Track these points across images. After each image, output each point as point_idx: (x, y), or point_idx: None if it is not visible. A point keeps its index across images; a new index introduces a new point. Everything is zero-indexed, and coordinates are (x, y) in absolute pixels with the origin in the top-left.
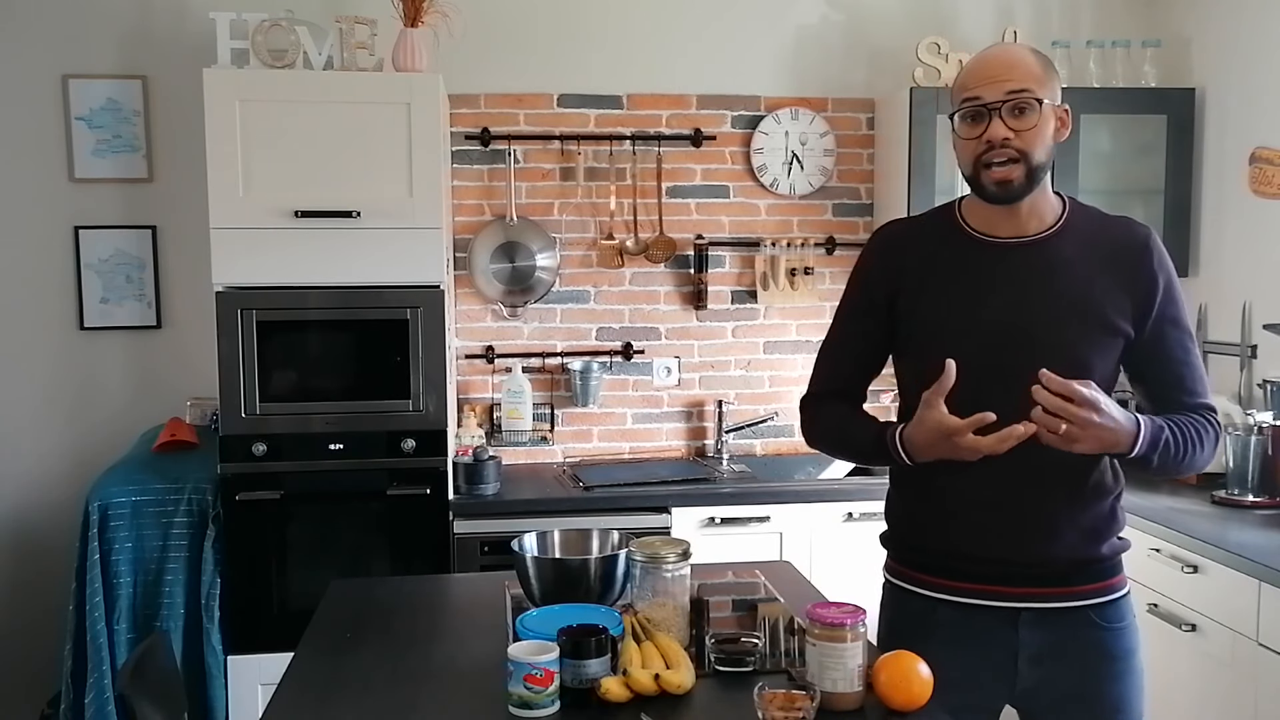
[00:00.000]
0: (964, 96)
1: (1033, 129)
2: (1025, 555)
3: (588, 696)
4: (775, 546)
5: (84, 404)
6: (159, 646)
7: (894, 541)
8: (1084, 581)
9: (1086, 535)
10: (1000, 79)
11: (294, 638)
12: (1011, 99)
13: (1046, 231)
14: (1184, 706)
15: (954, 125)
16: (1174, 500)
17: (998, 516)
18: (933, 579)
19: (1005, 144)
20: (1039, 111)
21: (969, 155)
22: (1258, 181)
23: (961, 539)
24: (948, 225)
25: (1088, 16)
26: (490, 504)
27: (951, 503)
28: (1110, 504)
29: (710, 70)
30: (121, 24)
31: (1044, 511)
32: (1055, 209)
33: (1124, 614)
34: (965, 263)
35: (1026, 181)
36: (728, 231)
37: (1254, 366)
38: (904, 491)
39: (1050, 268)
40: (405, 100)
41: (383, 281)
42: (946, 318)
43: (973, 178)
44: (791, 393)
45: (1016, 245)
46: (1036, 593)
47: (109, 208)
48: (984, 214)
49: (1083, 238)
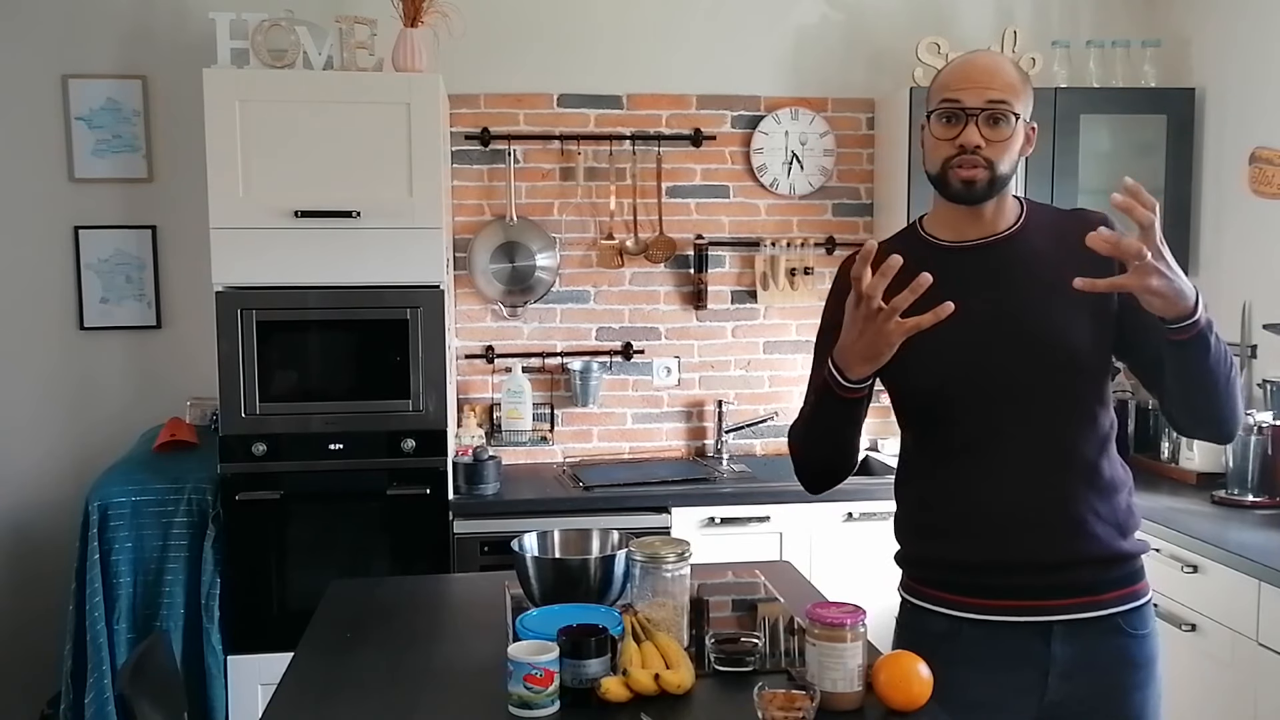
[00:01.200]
0: (944, 97)
1: (1004, 140)
2: (1055, 555)
3: (588, 696)
4: (775, 546)
5: (84, 404)
6: (159, 646)
7: (909, 560)
8: (1111, 588)
9: (1112, 529)
10: (982, 85)
11: (294, 638)
12: (990, 108)
13: (1010, 229)
14: (1184, 706)
15: (927, 123)
16: (1174, 500)
17: (1020, 516)
18: (955, 597)
19: (976, 151)
20: (1013, 125)
21: (938, 155)
22: (1257, 181)
23: (983, 546)
24: (914, 241)
25: (1088, 16)
26: (490, 504)
27: (967, 507)
28: (1126, 497)
29: (710, 70)
30: (121, 24)
31: (1068, 505)
32: (1015, 211)
33: (1148, 620)
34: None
35: (989, 187)
36: (728, 231)
37: (1254, 366)
38: (913, 504)
39: (1019, 261)
40: (405, 100)
41: (383, 281)
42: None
43: (939, 176)
44: (792, 392)
45: (983, 245)
46: (1069, 603)
47: (109, 208)
48: (949, 222)
49: (1046, 231)
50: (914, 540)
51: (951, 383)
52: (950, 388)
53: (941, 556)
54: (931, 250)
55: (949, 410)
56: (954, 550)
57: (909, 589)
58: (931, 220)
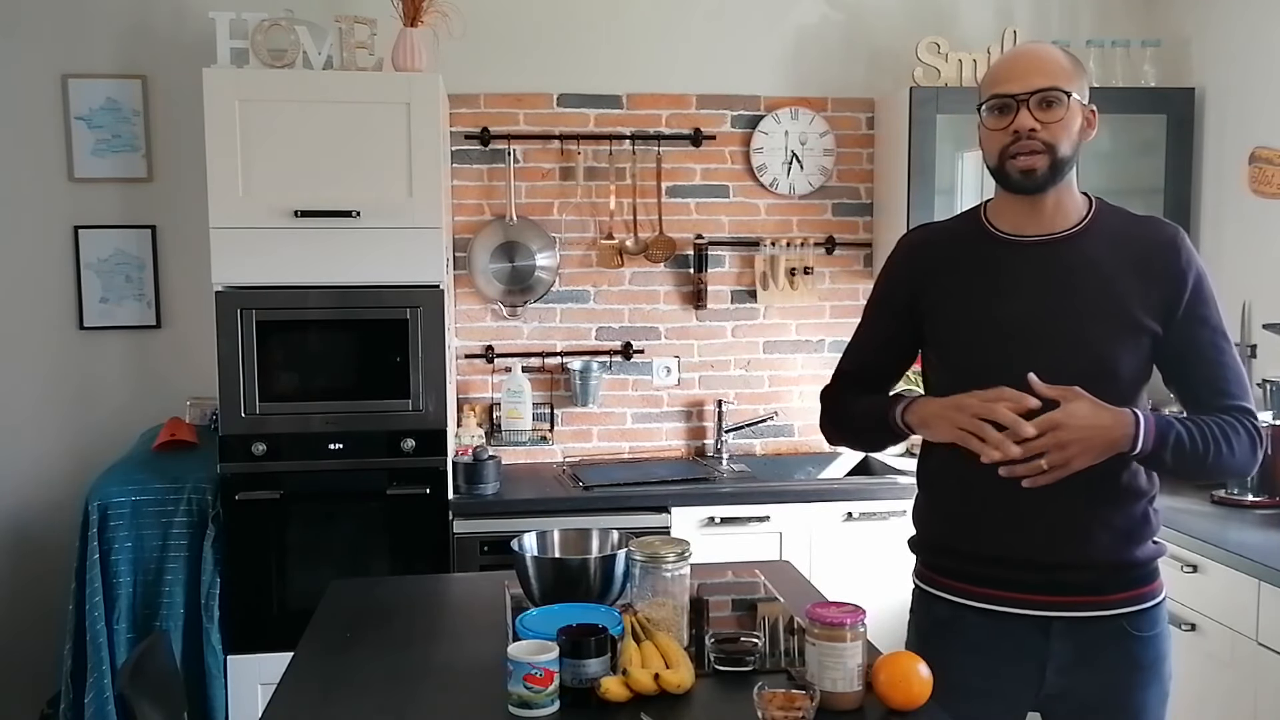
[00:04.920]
0: (993, 91)
1: (1059, 121)
2: (1056, 558)
3: (587, 696)
4: (775, 546)
5: (84, 403)
6: (159, 646)
7: (922, 546)
8: (1118, 589)
9: (1119, 538)
10: (1029, 74)
11: (294, 638)
12: (1039, 93)
13: (1071, 229)
14: (1184, 706)
15: (981, 119)
16: (1174, 500)
17: (1028, 518)
18: (961, 585)
19: (1032, 135)
20: (1066, 105)
21: (995, 146)
22: (1257, 181)
23: (990, 542)
24: (973, 227)
25: (1087, 16)
26: (490, 504)
27: (980, 505)
28: (1144, 507)
29: (710, 70)
30: (121, 24)
31: (1075, 512)
32: (1081, 208)
33: (1157, 621)
34: (988, 261)
35: (1050, 172)
36: (727, 231)
37: (1254, 366)
38: (932, 494)
39: (1073, 265)
40: (405, 100)
41: (382, 281)
42: (967, 315)
43: (998, 168)
44: (792, 392)
45: (1040, 243)
46: (1070, 601)
47: (109, 207)
48: (1010, 214)
49: (1109, 236)
50: (927, 526)
51: (978, 377)
52: (977, 381)
53: (951, 547)
54: (989, 241)
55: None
56: (962, 543)
57: (920, 575)
58: (995, 208)
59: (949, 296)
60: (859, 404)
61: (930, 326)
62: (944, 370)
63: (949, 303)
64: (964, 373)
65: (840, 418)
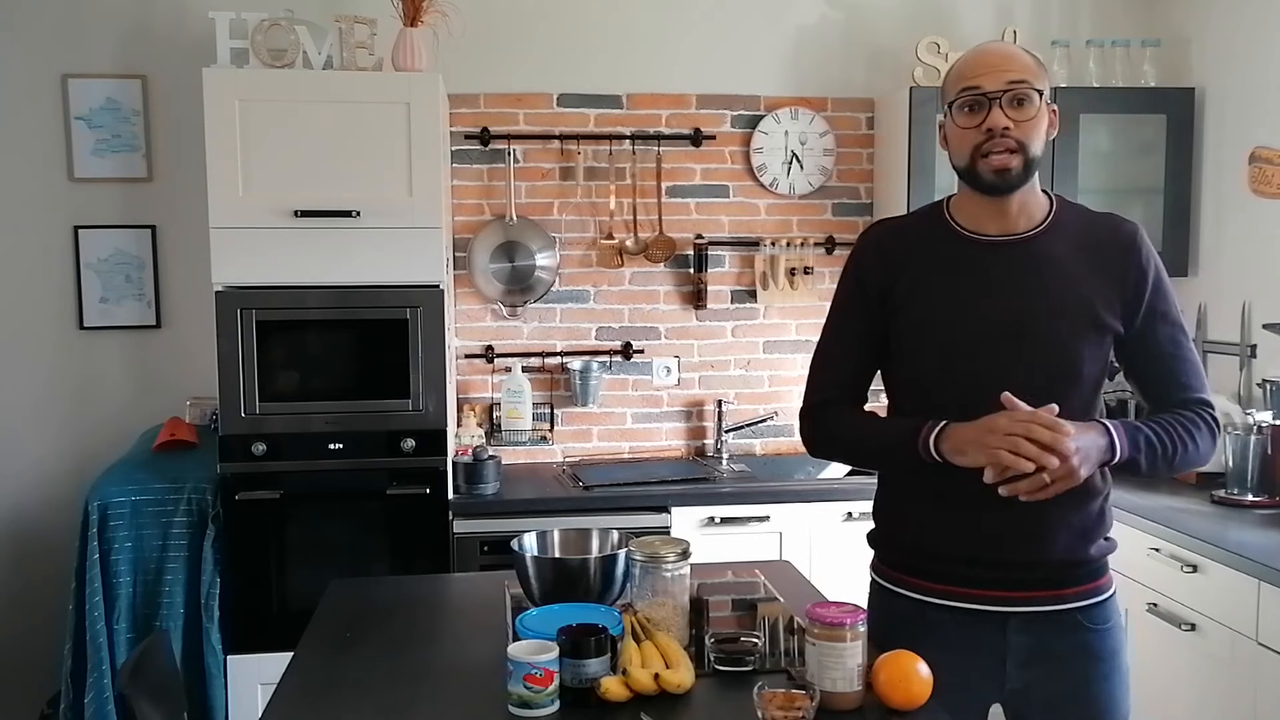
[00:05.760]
0: (962, 86)
1: (1031, 120)
2: (1018, 556)
3: (587, 696)
4: (775, 546)
5: (84, 403)
6: (159, 646)
7: (881, 542)
8: (1072, 584)
9: (1077, 536)
10: (1000, 69)
11: (294, 638)
12: (1012, 89)
13: (1035, 229)
14: (1184, 706)
15: (949, 116)
16: (1173, 500)
17: (990, 517)
18: (922, 582)
19: (1005, 133)
20: (1037, 104)
21: (966, 145)
22: (1257, 181)
23: (953, 541)
24: (936, 223)
25: (1087, 16)
26: (490, 504)
27: (942, 504)
28: (1100, 504)
29: (710, 70)
30: (121, 24)
31: (1039, 512)
32: (1043, 207)
33: (1110, 614)
34: (954, 261)
35: (1023, 171)
36: (727, 231)
37: (1254, 366)
38: (893, 492)
39: (1039, 265)
40: (405, 100)
41: (382, 281)
42: (936, 316)
43: (968, 168)
44: (791, 392)
45: (1005, 243)
46: (1026, 596)
47: (108, 207)
48: (973, 212)
49: (1070, 235)
50: (888, 522)
51: (945, 378)
52: (943, 382)
53: (913, 544)
54: (951, 240)
55: (936, 402)
56: (924, 541)
57: (879, 571)
58: (958, 205)
59: (918, 296)
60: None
61: (899, 323)
62: (909, 368)
63: (918, 303)
64: (930, 373)
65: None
